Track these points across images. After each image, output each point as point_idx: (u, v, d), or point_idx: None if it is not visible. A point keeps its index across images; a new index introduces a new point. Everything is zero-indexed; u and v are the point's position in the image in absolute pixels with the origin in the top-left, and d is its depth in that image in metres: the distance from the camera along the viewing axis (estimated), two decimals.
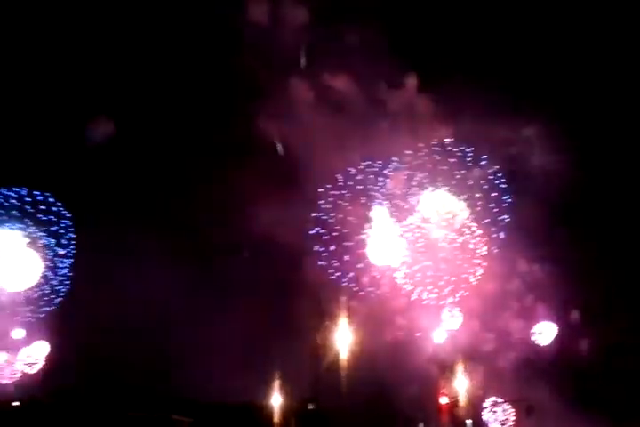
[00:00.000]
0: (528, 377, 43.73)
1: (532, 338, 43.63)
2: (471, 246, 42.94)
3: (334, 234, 41.36)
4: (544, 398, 43.50)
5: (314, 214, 40.91)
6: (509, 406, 43.37)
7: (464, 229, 43.04)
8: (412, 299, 41.32)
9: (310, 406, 43.21)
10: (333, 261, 41.33)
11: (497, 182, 44.12)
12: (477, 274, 42.43)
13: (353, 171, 41.75)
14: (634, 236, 43.12)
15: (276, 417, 41.89)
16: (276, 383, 41.96)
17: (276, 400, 41.99)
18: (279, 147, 41.96)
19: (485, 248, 42.80)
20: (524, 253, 42.95)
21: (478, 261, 42.52)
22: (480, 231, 43.04)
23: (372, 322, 42.61)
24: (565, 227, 41.98)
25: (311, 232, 40.91)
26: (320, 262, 40.85)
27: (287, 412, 42.32)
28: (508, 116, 41.01)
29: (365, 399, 44.04)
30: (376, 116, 41.92)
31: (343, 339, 41.09)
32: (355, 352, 41.59)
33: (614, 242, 43.14)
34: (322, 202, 41.22)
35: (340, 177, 41.62)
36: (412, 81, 42.10)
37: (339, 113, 41.09)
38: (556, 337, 44.09)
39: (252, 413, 42.51)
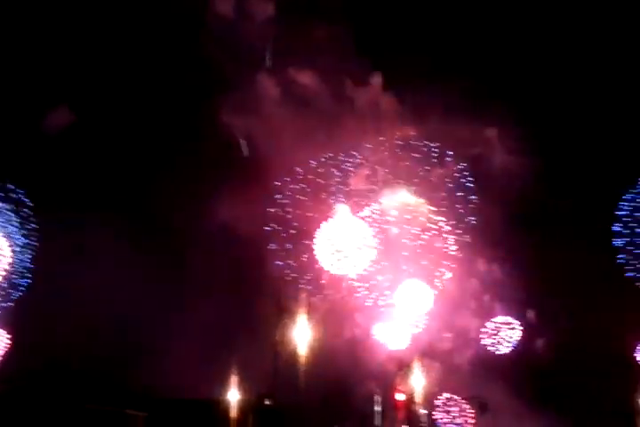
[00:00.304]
0: (485, 375, 44.49)
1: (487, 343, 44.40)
2: (438, 245, 43.46)
3: (292, 231, 41.54)
4: (501, 396, 44.18)
5: (270, 210, 41.05)
6: (464, 404, 44.23)
7: (430, 225, 43.37)
8: (369, 304, 41.87)
9: (267, 402, 43.11)
10: (290, 261, 41.77)
11: (462, 181, 44.73)
12: (444, 278, 43.02)
13: (314, 163, 41.90)
14: (590, 237, 43.90)
15: (233, 413, 41.68)
16: (234, 379, 41.77)
17: (233, 396, 41.78)
18: (243, 146, 41.80)
19: (455, 247, 43.31)
20: (484, 253, 43.71)
21: (446, 263, 43.10)
22: (448, 228, 43.48)
23: (331, 319, 42.87)
24: (524, 227, 42.83)
25: (267, 229, 41.11)
26: (277, 262, 41.16)
27: (244, 407, 42.14)
28: (471, 116, 41.59)
29: (323, 395, 44.15)
30: (341, 113, 42.12)
31: (302, 335, 41.07)
32: (313, 349, 41.70)
33: (572, 243, 43.89)
34: (279, 197, 41.40)
35: (299, 170, 41.73)
36: (377, 79, 42.50)
37: (304, 109, 41.19)
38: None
39: (209, 408, 42.16)
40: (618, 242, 41.56)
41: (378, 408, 43.99)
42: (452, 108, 40.29)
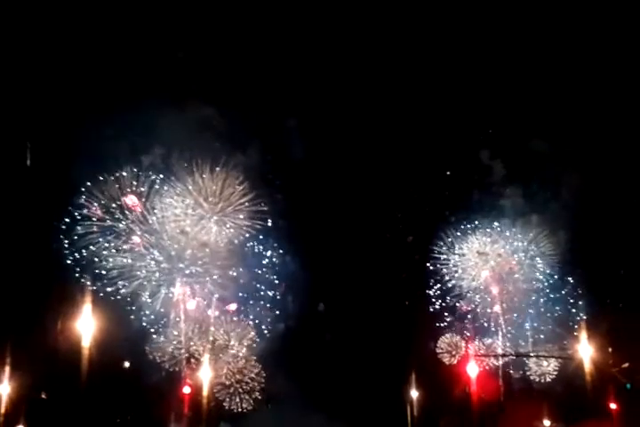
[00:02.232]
0: (275, 367, 44.88)
1: None
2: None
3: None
4: (289, 389, 44.68)
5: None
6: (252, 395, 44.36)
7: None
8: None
9: (43, 395, 40.58)
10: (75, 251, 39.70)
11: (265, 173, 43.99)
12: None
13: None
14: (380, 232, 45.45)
15: (3, 406, 38.84)
16: (6, 371, 38.82)
17: (4, 389, 38.88)
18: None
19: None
20: (275, 246, 43.80)
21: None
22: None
23: (118, 310, 41.17)
24: (318, 221, 43.36)
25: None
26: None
27: (16, 400, 39.37)
28: (271, 102, 41.15)
29: (106, 387, 42.60)
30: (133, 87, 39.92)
31: (85, 326, 38.84)
32: (97, 339, 39.72)
33: (363, 237, 45.17)
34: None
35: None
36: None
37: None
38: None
39: None
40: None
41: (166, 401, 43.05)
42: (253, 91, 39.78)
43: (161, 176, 41.43)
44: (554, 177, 44.60)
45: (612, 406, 37.42)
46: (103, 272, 40.12)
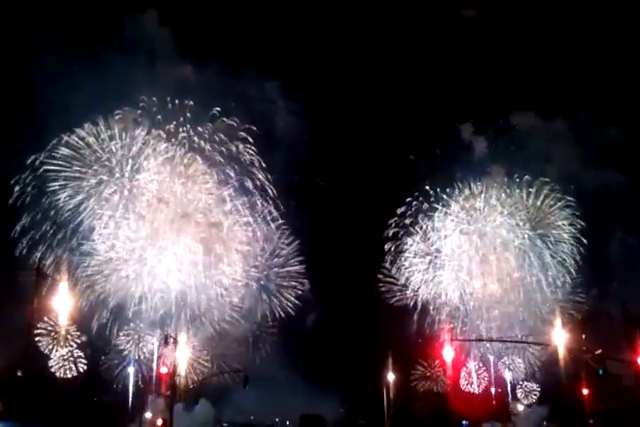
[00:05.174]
0: (255, 347, 44.96)
1: None
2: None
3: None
4: (270, 368, 44.69)
5: None
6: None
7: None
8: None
9: (19, 373, 40.42)
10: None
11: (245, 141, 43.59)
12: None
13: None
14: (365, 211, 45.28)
15: None
16: None
17: None
18: None
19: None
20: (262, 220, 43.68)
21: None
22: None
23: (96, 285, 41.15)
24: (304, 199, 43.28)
25: None
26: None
27: None
28: (253, 68, 40.96)
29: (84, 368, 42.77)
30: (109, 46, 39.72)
31: (62, 305, 38.57)
32: (74, 318, 39.62)
33: (348, 219, 45.05)
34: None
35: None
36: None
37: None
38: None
39: None
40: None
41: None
42: (234, 55, 39.57)
43: None
44: None
45: (584, 391, 37.96)
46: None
